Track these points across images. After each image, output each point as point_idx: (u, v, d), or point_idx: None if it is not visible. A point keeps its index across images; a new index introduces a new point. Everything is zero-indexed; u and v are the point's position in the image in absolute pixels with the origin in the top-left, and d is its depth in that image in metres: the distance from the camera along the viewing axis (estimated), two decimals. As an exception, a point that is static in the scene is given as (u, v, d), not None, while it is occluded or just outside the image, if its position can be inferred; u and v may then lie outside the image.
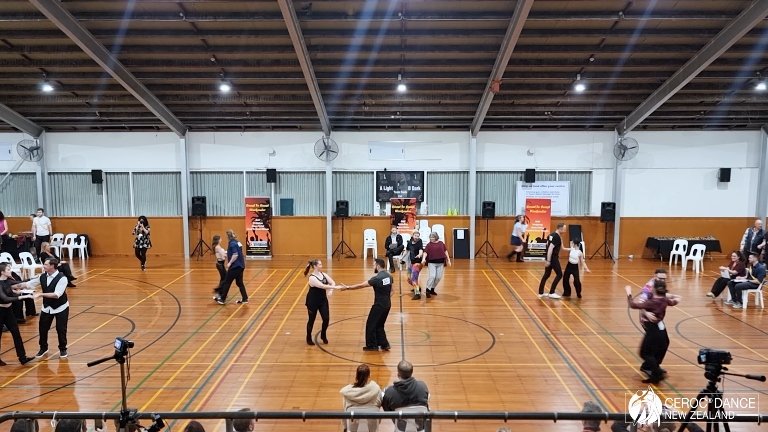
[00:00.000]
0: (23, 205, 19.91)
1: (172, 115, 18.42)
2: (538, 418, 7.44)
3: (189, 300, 13.78)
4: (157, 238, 19.71)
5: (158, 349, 10.11)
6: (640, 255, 19.66)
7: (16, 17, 12.84)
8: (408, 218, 19.21)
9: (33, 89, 16.88)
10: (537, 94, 17.12)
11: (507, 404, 7.78)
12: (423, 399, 6.30)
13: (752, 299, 13.13)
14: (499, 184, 19.84)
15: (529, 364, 9.41)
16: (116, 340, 4.40)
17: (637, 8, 12.45)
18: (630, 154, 18.70)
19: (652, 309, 8.56)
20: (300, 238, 19.78)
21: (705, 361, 4.25)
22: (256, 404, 7.79)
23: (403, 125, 19.46)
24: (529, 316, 12.20)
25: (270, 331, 11.11)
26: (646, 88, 16.75)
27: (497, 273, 16.91)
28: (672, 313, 12.28)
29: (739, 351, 9.86)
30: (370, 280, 9.90)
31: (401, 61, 15.20)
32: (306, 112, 18.32)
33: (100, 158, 19.70)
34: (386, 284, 9.84)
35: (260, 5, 12.56)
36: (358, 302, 13.42)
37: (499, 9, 12.70)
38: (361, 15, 12.59)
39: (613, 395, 8.10)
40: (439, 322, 11.74)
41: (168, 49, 14.55)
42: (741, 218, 19.14)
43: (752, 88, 16.32)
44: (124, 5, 12.33)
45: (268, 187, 19.84)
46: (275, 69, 15.54)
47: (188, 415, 6.61)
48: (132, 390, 8.15)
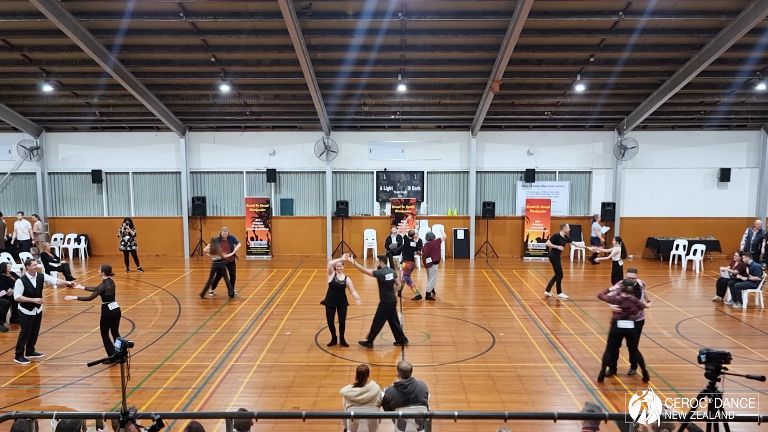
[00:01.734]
0: (23, 205, 19.90)
1: (172, 115, 18.42)
2: (538, 418, 7.43)
3: (189, 300, 13.78)
4: (157, 238, 19.74)
5: (158, 349, 10.11)
6: (641, 255, 19.67)
7: (16, 17, 12.85)
8: (408, 218, 19.21)
9: (33, 89, 16.89)
10: (537, 94, 17.12)
11: (507, 404, 7.78)
12: (423, 399, 6.29)
13: (752, 299, 13.13)
14: (499, 184, 19.84)
15: (529, 364, 9.40)
16: (116, 340, 4.41)
17: (637, 8, 12.45)
18: (630, 154, 18.70)
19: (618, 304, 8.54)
20: (300, 238, 19.78)
21: (705, 361, 4.25)
22: (256, 404, 7.78)
23: (403, 125, 19.46)
24: (529, 316, 12.20)
25: (270, 331, 11.11)
26: (646, 88, 16.75)
27: (497, 273, 16.90)
28: (672, 313, 12.32)
29: (739, 351, 9.85)
30: (374, 271, 10.24)
31: (401, 61, 15.20)
32: (306, 112, 18.32)
33: (100, 158, 19.71)
34: (389, 279, 10.06)
35: (260, 5, 12.57)
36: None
37: (499, 9, 12.70)
38: (361, 15, 12.59)
39: (613, 395, 8.10)
40: (439, 322, 11.73)
41: (168, 49, 14.56)
42: (741, 218, 19.14)
43: (752, 88, 16.33)
44: (124, 5, 12.33)
45: (268, 187, 19.84)
46: (275, 69, 15.54)
47: (188, 415, 6.61)
48: (132, 390, 8.15)
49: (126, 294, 14.42)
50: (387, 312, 10.04)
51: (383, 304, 10.04)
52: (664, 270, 17.54)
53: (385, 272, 10.10)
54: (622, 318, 8.48)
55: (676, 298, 13.91)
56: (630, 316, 8.47)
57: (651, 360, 9.44)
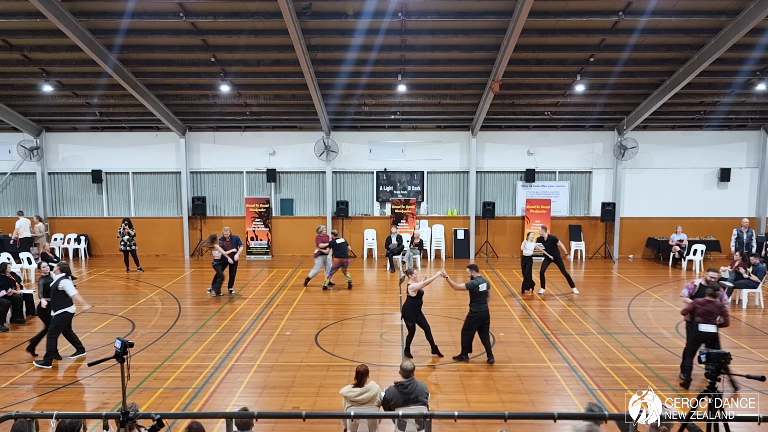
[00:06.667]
0: (23, 205, 19.90)
1: (172, 115, 18.42)
2: (538, 418, 7.43)
3: (189, 300, 13.78)
4: (157, 238, 19.74)
5: (158, 349, 10.11)
6: (640, 255, 19.66)
7: (16, 17, 12.84)
8: (408, 218, 19.21)
9: (33, 89, 16.88)
10: (537, 94, 17.12)
11: (507, 404, 7.78)
12: (423, 399, 6.30)
13: (752, 299, 13.13)
14: (499, 184, 19.84)
15: (529, 364, 9.40)
16: (116, 340, 4.40)
17: (637, 8, 12.45)
18: (630, 154, 18.70)
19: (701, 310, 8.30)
20: (300, 238, 19.77)
21: (705, 362, 4.26)
22: (256, 404, 7.78)
23: (403, 125, 19.46)
24: (529, 316, 12.21)
25: (270, 331, 11.11)
26: (646, 88, 16.75)
27: (497, 273, 16.90)
28: (672, 313, 12.32)
29: (739, 351, 9.85)
30: (467, 283, 9.46)
31: (401, 61, 15.20)
32: (306, 112, 18.32)
33: (100, 158, 19.71)
34: (483, 290, 9.39)
35: (260, 5, 12.56)
36: (358, 302, 13.44)
37: (499, 9, 12.70)
38: (361, 15, 12.59)
39: (613, 395, 8.10)
40: (439, 321, 11.73)
41: (168, 49, 14.56)
42: (741, 218, 19.10)
43: (752, 88, 16.32)
44: (124, 5, 12.33)
45: (268, 187, 19.84)
46: (275, 69, 15.54)
47: (188, 415, 6.61)
48: (132, 390, 8.15)
49: (126, 294, 14.43)
50: (476, 323, 9.42)
51: (473, 315, 9.40)
52: (664, 270, 17.53)
53: (478, 282, 9.35)
54: (705, 322, 8.16)
55: (676, 298, 13.91)
56: (712, 319, 8.16)
57: (651, 360, 9.46)
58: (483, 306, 9.38)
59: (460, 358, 9.53)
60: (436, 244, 19.37)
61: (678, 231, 18.01)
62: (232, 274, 14.22)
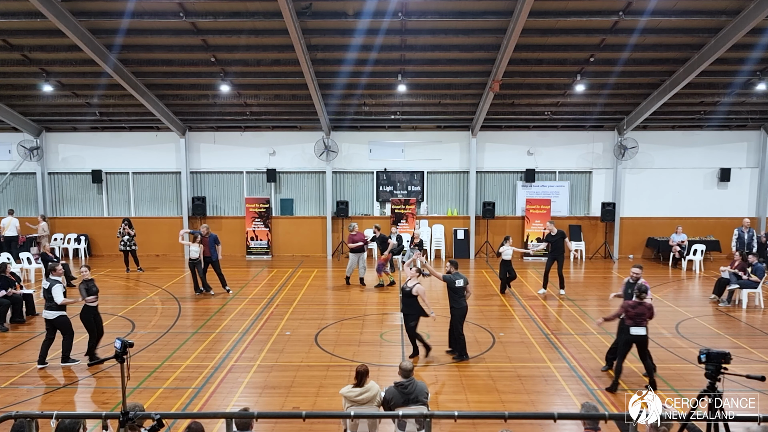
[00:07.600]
0: (23, 205, 19.90)
1: (172, 115, 18.42)
2: (538, 418, 7.43)
3: (189, 300, 13.78)
4: (157, 238, 19.74)
5: (158, 349, 10.11)
6: (640, 255, 19.66)
7: (16, 17, 12.84)
8: (408, 218, 19.21)
9: (33, 89, 16.88)
10: (537, 94, 17.12)
11: (507, 404, 7.77)
12: (423, 399, 6.29)
13: (752, 299, 13.13)
14: (499, 184, 19.84)
15: (529, 364, 9.40)
16: (116, 340, 4.40)
17: (637, 8, 12.45)
18: (630, 154, 18.70)
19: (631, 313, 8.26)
20: (300, 238, 19.78)
21: (705, 361, 4.25)
22: (256, 404, 7.78)
23: (403, 125, 19.46)
24: (529, 316, 12.20)
25: (270, 331, 11.10)
26: (646, 88, 16.75)
27: (497, 273, 16.87)
28: (672, 313, 12.32)
29: (739, 351, 9.85)
30: (444, 275, 9.59)
31: (401, 61, 15.20)
32: (306, 112, 18.32)
33: (100, 158, 19.71)
34: (459, 286, 9.49)
35: (260, 5, 12.56)
36: (357, 302, 13.44)
37: (499, 9, 12.70)
38: (361, 15, 12.59)
39: (613, 395, 8.10)
40: (439, 322, 11.72)
41: (168, 49, 14.55)
42: (741, 218, 19.08)
43: (752, 88, 16.32)
44: (124, 5, 12.33)
45: (268, 187, 19.84)
46: (275, 69, 15.54)
47: (188, 415, 6.61)
48: (132, 390, 8.15)
49: (126, 294, 14.43)
50: (461, 319, 9.52)
51: (456, 311, 9.50)
52: (664, 270, 17.53)
53: (455, 278, 9.46)
54: (635, 325, 8.11)
55: (676, 298, 13.91)
56: (642, 322, 8.12)
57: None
58: (462, 301, 9.58)
59: (461, 357, 9.55)
60: (436, 244, 19.36)
61: (678, 231, 18.00)
62: (219, 272, 14.24)
